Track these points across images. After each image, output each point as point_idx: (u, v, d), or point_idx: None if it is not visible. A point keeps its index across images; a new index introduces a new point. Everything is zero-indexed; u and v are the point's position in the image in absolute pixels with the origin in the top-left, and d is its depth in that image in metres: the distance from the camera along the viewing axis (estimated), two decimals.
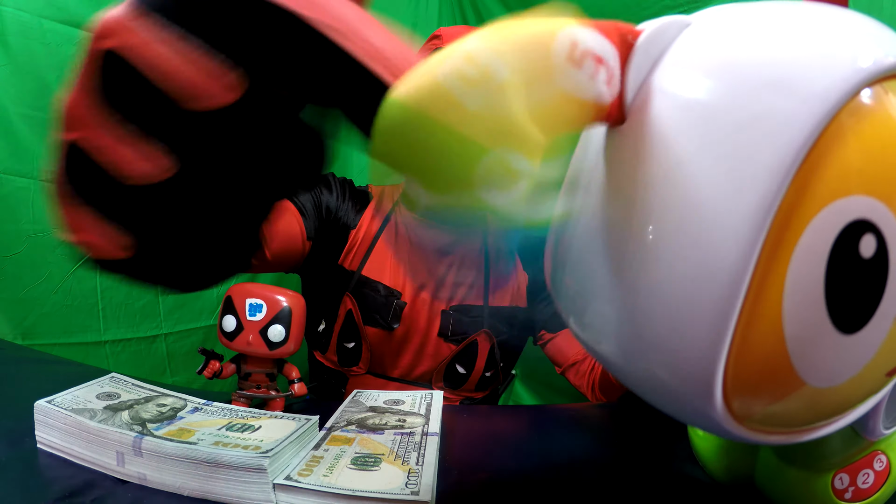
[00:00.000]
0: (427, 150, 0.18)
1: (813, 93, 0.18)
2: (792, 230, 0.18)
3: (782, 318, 0.18)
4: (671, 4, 0.80)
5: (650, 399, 0.24)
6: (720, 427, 0.21)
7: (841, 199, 0.18)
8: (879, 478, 0.29)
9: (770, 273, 0.18)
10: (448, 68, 0.17)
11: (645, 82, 0.21)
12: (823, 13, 0.20)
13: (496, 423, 0.51)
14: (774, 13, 0.20)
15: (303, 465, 0.33)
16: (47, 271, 0.83)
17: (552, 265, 0.27)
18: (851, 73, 0.18)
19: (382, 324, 0.67)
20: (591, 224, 0.24)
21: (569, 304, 0.26)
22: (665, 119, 0.20)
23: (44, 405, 0.35)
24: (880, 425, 0.27)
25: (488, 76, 0.18)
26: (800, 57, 0.18)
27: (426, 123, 0.18)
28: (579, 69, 0.19)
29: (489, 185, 0.19)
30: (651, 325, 0.20)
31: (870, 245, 0.18)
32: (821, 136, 0.17)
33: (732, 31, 0.20)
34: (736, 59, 0.19)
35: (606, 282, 0.22)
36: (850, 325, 0.19)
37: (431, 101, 0.18)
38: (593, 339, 0.25)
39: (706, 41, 0.20)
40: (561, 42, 0.18)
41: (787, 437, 0.22)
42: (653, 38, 0.21)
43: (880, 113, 0.18)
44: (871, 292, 0.19)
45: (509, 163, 0.18)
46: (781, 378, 0.20)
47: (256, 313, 0.44)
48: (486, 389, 0.73)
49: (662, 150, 0.20)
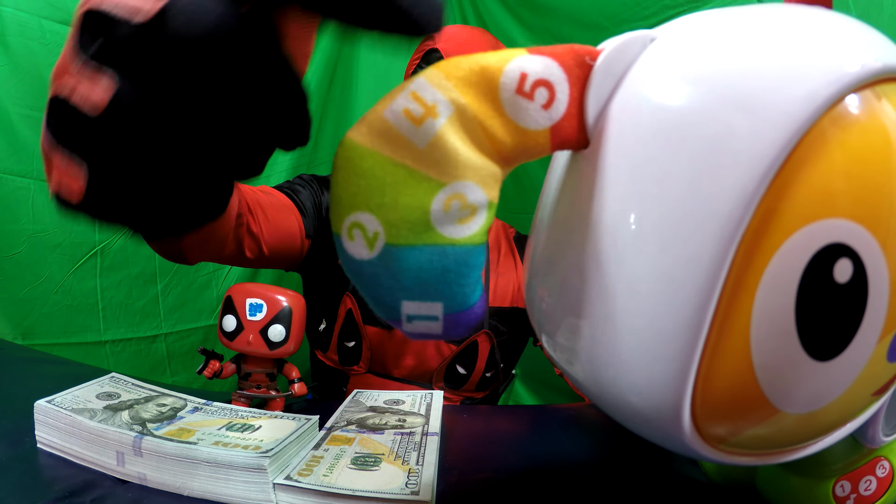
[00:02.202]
0: (381, 187, 0.19)
1: (779, 111, 0.16)
2: (759, 257, 0.17)
3: (750, 346, 0.18)
4: (671, 4, 0.80)
5: (622, 422, 0.23)
6: (690, 450, 0.20)
7: (812, 223, 0.17)
8: (882, 484, 0.28)
9: (736, 301, 0.18)
10: (395, 107, 0.18)
11: (607, 103, 0.20)
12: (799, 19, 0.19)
13: (496, 423, 0.51)
14: (747, 22, 0.19)
15: (303, 465, 0.33)
16: (47, 271, 0.83)
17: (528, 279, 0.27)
18: (821, 87, 0.17)
19: (382, 323, 0.67)
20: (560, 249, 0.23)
21: (542, 321, 0.26)
22: (627, 142, 0.19)
23: (44, 405, 0.35)
24: (880, 433, 0.27)
25: (433, 114, 0.18)
26: (766, 71, 0.17)
27: (378, 161, 0.18)
28: (530, 100, 0.19)
29: (447, 218, 0.19)
30: (619, 351, 0.20)
31: (845, 270, 0.17)
32: (788, 157, 0.17)
33: (699, 45, 0.19)
34: (699, 76, 0.18)
35: (576, 308, 0.21)
36: (825, 353, 0.18)
37: (381, 139, 0.18)
38: (565, 359, 0.24)
39: (670, 57, 0.19)
40: (508, 76, 0.19)
41: (766, 458, 0.22)
42: (613, 57, 0.20)
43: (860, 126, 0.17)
44: (849, 318, 0.18)
45: (465, 196, 0.19)
46: (752, 405, 0.19)
47: (256, 313, 0.44)
48: (486, 389, 0.73)
49: (625, 174, 0.19)
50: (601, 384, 0.22)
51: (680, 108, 0.18)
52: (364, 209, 0.19)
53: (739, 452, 0.21)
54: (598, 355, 0.21)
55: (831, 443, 0.23)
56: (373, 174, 0.18)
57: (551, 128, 0.19)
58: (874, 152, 0.17)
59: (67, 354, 0.78)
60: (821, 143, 0.17)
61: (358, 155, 0.18)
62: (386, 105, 0.18)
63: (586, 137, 0.20)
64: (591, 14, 0.92)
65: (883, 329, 0.18)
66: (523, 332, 0.75)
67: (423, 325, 0.20)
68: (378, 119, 0.18)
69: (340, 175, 0.19)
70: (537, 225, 0.25)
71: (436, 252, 0.19)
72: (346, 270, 0.20)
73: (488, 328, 0.69)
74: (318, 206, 0.67)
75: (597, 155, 0.20)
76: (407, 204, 0.19)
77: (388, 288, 0.20)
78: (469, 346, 0.69)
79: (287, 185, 0.66)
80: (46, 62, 0.77)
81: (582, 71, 0.20)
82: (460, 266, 0.19)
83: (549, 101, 0.19)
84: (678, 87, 0.19)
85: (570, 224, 0.22)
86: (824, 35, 0.18)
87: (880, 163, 0.17)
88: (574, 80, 0.19)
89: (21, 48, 0.76)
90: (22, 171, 0.79)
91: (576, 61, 0.19)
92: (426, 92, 0.18)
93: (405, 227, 0.19)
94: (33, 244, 0.81)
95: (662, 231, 0.18)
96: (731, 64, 0.18)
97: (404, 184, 0.18)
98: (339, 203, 0.19)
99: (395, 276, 0.19)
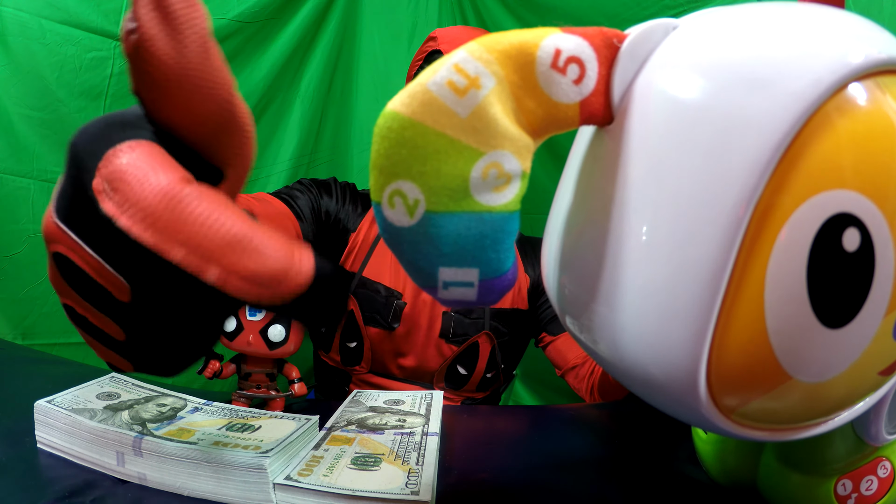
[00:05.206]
0: (423, 156, 0.19)
1: (790, 91, 0.18)
2: (771, 225, 0.18)
3: (764, 312, 0.19)
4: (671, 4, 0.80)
5: (643, 395, 0.24)
6: (707, 421, 0.21)
7: (821, 193, 0.18)
8: (884, 485, 0.29)
9: (750, 267, 0.18)
10: (439, 78, 0.19)
11: (631, 84, 0.21)
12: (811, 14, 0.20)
13: (496, 423, 0.51)
14: (762, 15, 0.21)
15: (303, 465, 0.33)
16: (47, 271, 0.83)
17: (547, 265, 0.27)
18: (829, 72, 0.18)
19: (383, 324, 0.67)
20: (582, 224, 0.24)
21: (565, 305, 0.26)
22: (649, 118, 0.21)
23: (44, 405, 0.35)
24: (883, 430, 0.27)
25: (476, 85, 0.19)
26: (780, 56, 0.18)
27: (420, 130, 0.19)
28: (563, 75, 0.20)
29: (484, 186, 0.20)
30: (640, 321, 0.21)
31: (853, 239, 0.18)
32: (798, 133, 0.18)
33: (717, 33, 0.21)
34: (718, 60, 0.20)
35: (598, 280, 0.22)
36: (836, 320, 0.19)
37: (424, 109, 0.19)
38: (591, 339, 0.25)
39: (691, 43, 0.21)
40: (544, 50, 0.20)
41: (777, 434, 0.23)
42: (638, 41, 0.21)
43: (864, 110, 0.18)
44: (858, 286, 0.19)
45: (502, 165, 0.20)
46: (766, 371, 0.20)
47: (257, 313, 0.44)
48: (486, 390, 0.73)
49: (646, 149, 0.20)
50: (625, 359, 0.22)
51: (697, 88, 0.20)
52: (406, 177, 0.20)
53: (751, 426, 0.22)
54: (621, 330, 0.22)
55: (839, 424, 0.23)
56: (414, 143, 0.19)
57: (581, 102, 0.21)
58: (877, 133, 0.18)
59: (67, 354, 0.78)
60: (826, 123, 0.18)
61: (400, 125, 0.19)
62: (429, 77, 0.19)
63: (611, 114, 0.22)
64: (592, 14, 0.92)
65: (890, 302, 0.19)
66: (524, 334, 0.75)
67: (458, 292, 0.21)
68: (422, 90, 0.19)
69: (382, 145, 0.20)
70: (558, 204, 0.26)
71: (474, 219, 0.20)
72: (385, 238, 0.21)
73: (489, 329, 0.69)
74: (317, 211, 0.67)
75: (619, 132, 0.21)
76: (448, 172, 0.19)
77: (426, 254, 0.21)
78: (470, 347, 0.69)
79: (285, 190, 0.66)
80: (46, 62, 0.77)
81: (610, 52, 0.21)
82: (497, 232, 0.20)
83: (580, 77, 0.20)
84: (696, 70, 0.20)
85: (592, 200, 0.23)
86: (832, 28, 0.19)
87: (883, 143, 0.18)
88: (602, 59, 0.21)
89: (21, 48, 0.76)
90: (22, 171, 0.79)
91: (604, 42, 0.21)
92: (469, 64, 0.19)
93: (445, 194, 0.20)
94: (33, 244, 0.81)
95: (680, 201, 0.19)
96: (745, 51, 0.19)
97: (445, 152, 0.19)
98: (380, 172, 0.20)
99: (434, 242, 0.20)
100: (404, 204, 0.20)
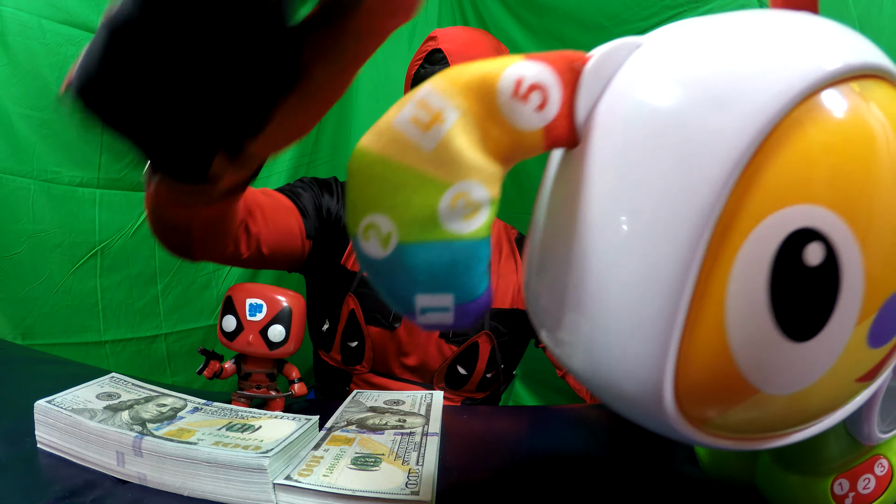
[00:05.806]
0: (393, 190, 0.20)
1: (749, 107, 0.18)
2: (731, 242, 0.18)
3: (725, 326, 0.19)
4: (671, 4, 0.80)
5: (617, 408, 0.24)
6: (677, 433, 0.21)
7: (784, 209, 0.18)
8: (881, 483, 0.28)
9: (711, 284, 0.19)
10: (404, 115, 0.20)
11: (596, 104, 0.22)
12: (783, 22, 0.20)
13: (496, 424, 0.51)
14: (731, 26, 0.21)
15: (303, 465, 0.33)
16: (47, 271, 0.83)
17: (526, 282, 0.27)
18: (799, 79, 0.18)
19: (384, 323, 0.67)
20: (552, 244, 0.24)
21: (542, 318, 0.26)
22: (613, 138, 0.21)
23: (44, 405, 0.35)
24: (875, 430, 0.27)
25: (440, 119, 0.20)
26: (740, 72, 0.18)
27: (389, 166, 0.20)
28: (525, 103, 0.20)
29: (453, 215, 0.20)
30: (608, 336, 0.21)
31: (817, 253, 0.18)
32: (758, 149, 0.18)
33: (681, 50, 0.21)
34: (678, 79, 0.20)
35: (567, 296, 0.23)
36: (801, 333, 0.19)
37: (391, 145, 0.20)
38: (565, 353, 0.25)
39: (654, 61, 0.21)
40: (506, 80, 0.20)
41: (755, 443, 0.22)
42: (602, 61, 0.21)
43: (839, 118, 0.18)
44: (822, 300, 0.19)
45: (469, 194, 0.20)
46: (732, 385, 0.20)
47: (256, 313, 0.44)
48: (486, 390, 0.73)
49: (610, 168, 0.21)
50: (598, 374, 0.23)
51: (659, 108, 0.20)
52: (378, 211, 0.21)
53: (726, 436, 0.22)
54: (594, 346, 0.22)
55: (820, 430, 0.23)
56: (384, 178, 0.20)
57: (545, 128, 0.21)
58: (849, 143, 0.18)
59: (67, 354, 0.78)
60: (793, 134, 0.18)
61: (370, 161, 0.20)
62: (395, 114, 0.20)
63: (576, 136, 0.22)
64: (592, 14, 0.92)
65: (860, 313, 0.19)
66: (524, 334, 0.75)
67: (435, 317, 0.22)
68: (388, 127, 0.20)
69: (355, 180, 0.21)
70: (534, 224, 0.26)
71: (444, 247, 0.20)
72: (364, 269, 0.22)
73: (489, 329, 0.69)
74: (319, 208, 0.67)
75: (585, 152, 0.22)
76: (417, 203, 0.20)
77: (402, 283, 0.21)
78: (470, 347, 0.69)
79: (288, 187, 0.67)
80: (46, 62, 0.77)
81: (572, 74, 0.21)
82: (468, 258, 0.21)
83: (542, 104, 0.21)
84: (659, 89, 0.20)
85: (562, 219, 0.23)
86: (803, 35, 0.19)
87: (855, 153, 0.18)
88: (565, 82, 0.21)
89: (21, 48, 0.76)
90: (22, 171, 0.79)
91: (567, 66, 0.21)
92: (433, 98, 0.20)
93: (416, 225, 0.20)
94: (33, 244, 0.81)
95: (642, 222, 0.19)
96: (710, 66, 0.19)
97: (414, 186, 0.20)
98: (354, 206, 0.21)
99: (409, 271, 0.21)
100: (378, 236, 0.21)
